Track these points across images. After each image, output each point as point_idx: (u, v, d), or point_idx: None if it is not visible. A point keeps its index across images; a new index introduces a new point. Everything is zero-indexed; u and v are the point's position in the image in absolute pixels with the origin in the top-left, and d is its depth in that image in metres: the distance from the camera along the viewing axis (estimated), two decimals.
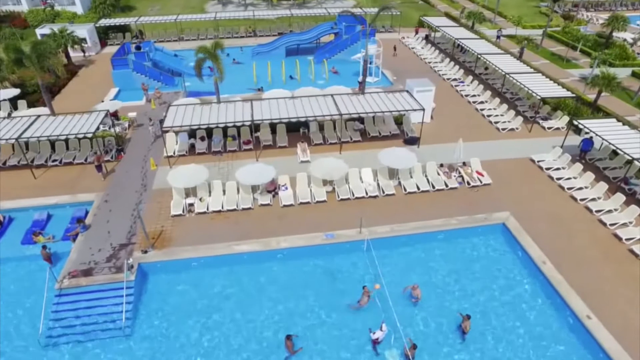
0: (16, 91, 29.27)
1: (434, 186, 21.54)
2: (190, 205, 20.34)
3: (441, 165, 22.72)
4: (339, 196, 20.79)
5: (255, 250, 18.16)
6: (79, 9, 49.45)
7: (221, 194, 20.83)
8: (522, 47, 36.77)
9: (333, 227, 19.07)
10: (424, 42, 43.59)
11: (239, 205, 20.20)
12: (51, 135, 21.99)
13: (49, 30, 36.50)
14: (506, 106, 29.29)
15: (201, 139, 25.25)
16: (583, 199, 20.83)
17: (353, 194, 20.82)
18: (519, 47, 38.99)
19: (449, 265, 17.93)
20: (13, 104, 29.40)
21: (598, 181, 21.58)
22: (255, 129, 25.28)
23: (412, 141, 25.63)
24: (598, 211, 20.05)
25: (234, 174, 21.20)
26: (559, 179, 22.34)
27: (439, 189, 21.51)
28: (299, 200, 20.56)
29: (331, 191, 21.24)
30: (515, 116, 28.07)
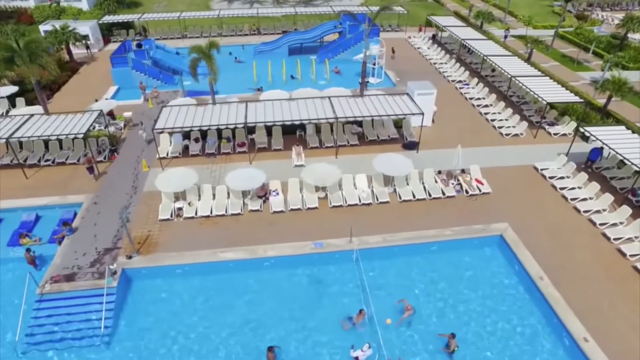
0: (14, 89, 29.20)
1: (430, 194, 20.81)
2: (179, 209, 19.94)
3: (439, 172, 21.95)
4: (331, 203, 20.19)
5: (241, 258, 17.68)
6: (84, 5, 49.47)
7: (211, 199, 20.38)
8: (531, 49, 35.54)
9: (323, 236, 18.49)
10: (430, 42, 42.58)
11: (228, 211, 19.74)
12: (42, 136, 21.78)
13: (51, 27, 36.42)
14: (511, 110, 28.30)
15: (195, 140, 24.83)
16: (587, 211, 19.90)
17: (346, 201, 20.20)
18: (528, 49, 37.81)
19: (441, 279, 17.21)
20: (11, 101, 29.35)
21: (604, 192, 20.63)
22: (250, 130, 24.81)
23: (411, 146, 24.88)
24: (602, 224, 19.13)
25: (225, 177, 20.71)
26: (562, 188, 21.42)
27: (435, 197, 20.76)
28: (289, 206, 20.02)
29: (324, 197, 20.65)
30: (520, 121, 27.10)
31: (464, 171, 21.79)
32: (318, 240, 18.17)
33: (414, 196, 20.64)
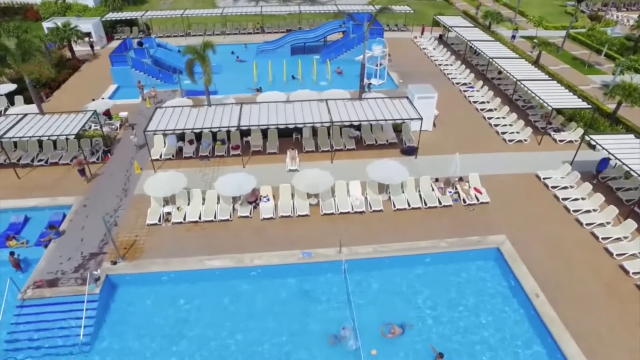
0: (13, 86, 29.11)
1: (426, 203, 20.11)
2: (168, 214, 19.57)
3: (436, 180, 21.23)
4: (323, 210, 19.63)
5: (228, 266, 17.25)
6: (90, 1, 49.35)
7: (200, 203, 19.97)
8: (539, 52, 34.44)
9: (313, 245, 17.96)
10: (436, 42, 41.61)
11: (217, 216, 19.31)
12: (33, 136, 21.56)
13: (53, 24, 36.34)
14: (515, 115, 27.38)
15: (190, 142, 24.43)
16: (589, 224, 19.04)
17: (337, 209, 19.62)
18: (535, 50, 36.70)
19: (432, 293, 16.55)
20: (10, 99, 29.30)
21: (609, 203, 19.72)
22: (246, 133, 24.36)
23: (409, 151, 24.18)
24: (605, 238, 18.27)
25: (215, 182, 20.24)
26: (565, 199, 20.55)
27: (431, 207, 20.07)
28: (279, 213, 19.51)
29: (316, 204, 20.10)
30: (524, 126, 26.18)
31: (462, 179, 21.03)
32: (307, 250, 17.65)
33: (408, 205, 19.97)
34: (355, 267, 17.21)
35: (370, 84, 32.03)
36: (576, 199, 20.47)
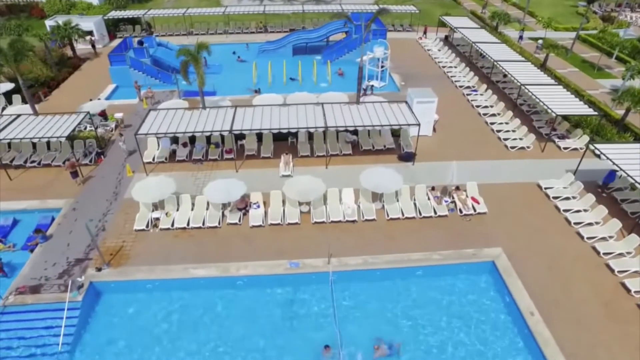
0: (10, 85, 29.01)
1: (420, 212, 19.48)
2: (156, 219, 19.23)
3: (432, 188, 20.57)
4: (314, 219, 19.12)
5: (213, 275, 16.84)
6: None
7: (189, 209, 19.59)
8: (546, 55, 33.41)
9: (302, 254, 17.48)
10: (441, 43, 40.74)
11: (206, 223, 18.92)
12: (24, 138, 21.36)
13: (54, 23, 36.26)
14: (519, 121, 26.54)
15: (183, 145, 24.09)
16: (591, 238, 18.26)
17: (329, 218, 19.09)
18: (540, 52, 35.71)
19: (422, 308, 15.96)
20: (8, 98, 29.24)
21: (613, 216, 18.92)
22: (240, 136, 23.93)
23: (407, 157, 23.53)
24: (606, 254, 17.47)
25: (204, 188, 19.84)
26: (566, 210, 19.77)
27: (426, 216, 19.43)
28: (269, 221, 19.05)
29: (307, 212, 19.60)
30: (527, 133, 25.35)
31: (458, 188, 20.35)
32: (294, 260, 17.18)
33: (402, 214, 19.35)
34: (344, 278, 16.70)
35: (372, 86, 31.38)
36: (578, 211, 19.68)
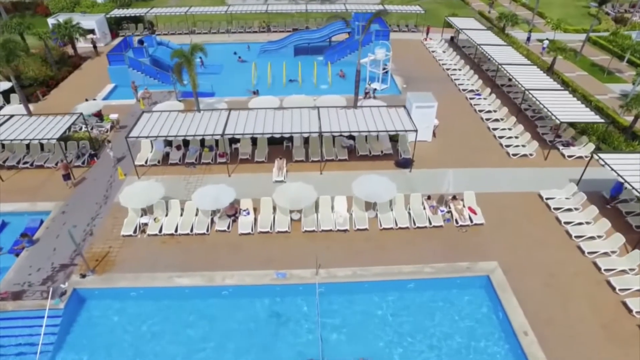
0: (8, 84, 28.92)
1: (415, 222, 18.86)
2: (144, 225, 18.89)
3: (428, 197, 19.92)
4: (304, 227, 18.61)
5: (198, 285, 16.45)
6: None
7: (178, 215, 19.22)
8: (554, 57, 32.40)
9: (290, 264, 17.00)
10: (446, 45, 39.86)
11: (194, 230, 18.53)
12: (15, 140, 21.16)
13: (55, 21, 36.16)
14: (522, 127, 25.70)
15: (177, 147, 23.73)
16: (592, 253, 17.49)
17: (319, 226, 18.57)
18: (546, 53, 34.70)
19: (412, 324, 15.38)
20: (6, 97, 29.18)
21: (617, 229, 18.06)
22: (235, 140, 23.50)
23: (404, 164, 22.89)
24: (608, 270, 16.71)
25: (193, 194, 19.41)
26: (567, 223, 19.00)
27: (420, 227, 18.79)
28: (258, 228, 18.59)
29: (298, 219, 19.10)
30: (530, 140, 24.52)
31: (455, 197, 19.67)
32: (281, 270, 16.70)
33: (396, 224, 18.76)
34: (332, 291, 16.19)
35: (375, 89, 30.64)
36: (580, 224, 18.89)
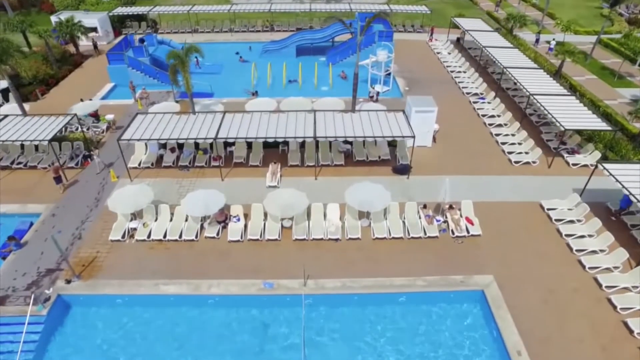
0: (5, 83, 28.81)
1: (409, 232, 18.27)
2: (133, 229, 18.59)
3: (424, 206, 19.31)
4: (294, 235, 18.14)
5: (183, 293, 16.09)
6: None
7: (168, 220, 18.88)
8: (562, 60, 31.41)
9: (278, 274, 16.56)
10: (451, 46, 39.01)
11: (183, 236, 18.17)
12: (6, 141, 21.01)
13: (57, 19, 36.07)
14: (525, 133, 24.92)
15: (171, 150, 23.40)
16: (593, 268, 16.76)
17: (310, 235, 18.08)
18: (551, 54, 33.73)
19: (399, 340, 14.82)
20: (5, 96, 29.13)
21: (621, 243, 17.34)
22: (230, 142, 23.09)
23: (402, 170, 22.30)
24: (610, 287, 15.97)
25: (182, 199, 19.03)
26: (568, 235, 18.26)
27: (414, 237, 18.21)
28: (248, 236, 18.16)
29: (289, 227, 18.64)
30: (534, 147, 23.75)
31: (452, 207, 19.03)
32: (269, 280, 16.27)
33: (389, 234, 18.20)
34: (320, 302, 15.75)
35: (378, 92, 29.91)
36: (582, 236, 18.14)
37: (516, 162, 23.14)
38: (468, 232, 18.34)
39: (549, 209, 19.67)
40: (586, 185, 20.35)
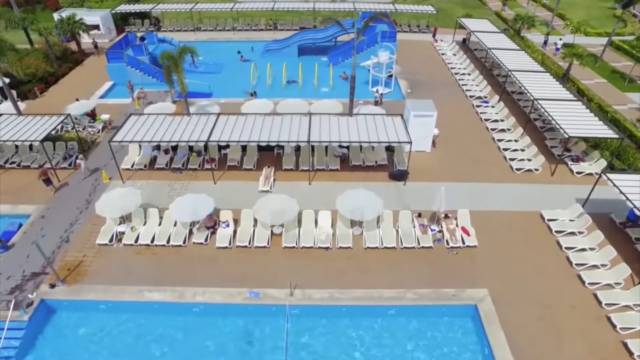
0: (5, 81, 28.70)
1: (402, 242, 17.71)
2: (121, 233, 18.30)
3: (419, 215, 18.71)
4: (284, 243, 17.69)
5: (168, 300, 15.75)
6: None
7: (156, 224, 18.56)
8: (570, 63, 30.43)
9: (265, 283, 16.14)
10: (457, 47, 38.16)
11: (170, 241, 17.82)
12: None
13: (59, 16, 36.01)
14: (529, 139, 24.14)
15: (165, 152, 23.10)
16: (593, 283, 16.05)
17: (299, 243, 17.62)
18: (556, 53, 32.79)
19: (388, 355, 14.32)
20: (4, 94, 29.01)
21: (624, 257, 16.63)
22: (224, 145, 22.70)
23: (399, 176, 21.71)
24: (610, 305, 15.27)
25: (171, 204, 18.67)
26: (569, 248, 17.55)
27: (407, 247, 17.63)
28: (236, 242, 17.75)
29: (279, 234, 18.19)
30: (537, 153, 22.97)
31: (448, 216, 18.41)
32: (255, 289, 15.85)
33: (382, 243, 17.65)
34: (306, 313, 15.28)
35: (382, 95, 29.21)
36: (583, 250, 17.42)
37: (518, 169, 22.41)
38: (464, 242, 17.73)
39: (549, 220, 18.96)
40: (589, 195, 19.59)
